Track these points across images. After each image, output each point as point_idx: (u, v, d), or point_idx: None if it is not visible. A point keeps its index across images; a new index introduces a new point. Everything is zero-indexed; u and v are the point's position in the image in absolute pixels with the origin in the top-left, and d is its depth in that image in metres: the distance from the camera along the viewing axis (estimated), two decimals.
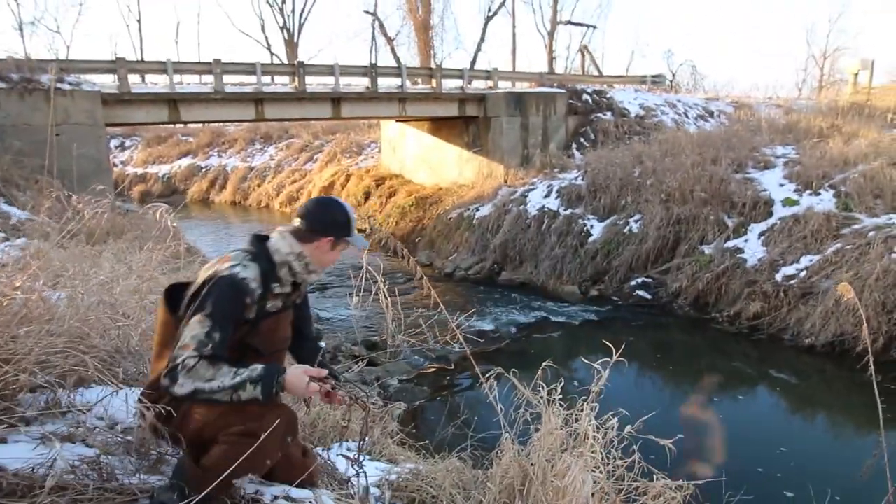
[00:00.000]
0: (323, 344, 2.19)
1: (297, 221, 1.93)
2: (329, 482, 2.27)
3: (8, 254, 3.27)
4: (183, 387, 1.58)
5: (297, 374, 1.68)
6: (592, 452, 2.07)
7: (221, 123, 23.72)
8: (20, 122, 9.01)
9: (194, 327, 1.65)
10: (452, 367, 6.68)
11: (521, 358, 7.15)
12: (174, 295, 1.82)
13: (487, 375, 2.54)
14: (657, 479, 2.32)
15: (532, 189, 12.10)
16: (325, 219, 1.94)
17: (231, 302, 1.73)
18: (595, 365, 2.40)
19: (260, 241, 1.90)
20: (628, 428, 2.25)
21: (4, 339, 1.79)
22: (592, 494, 1.99)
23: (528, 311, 9.04)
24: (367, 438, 2.06)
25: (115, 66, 10.71)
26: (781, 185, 9.60)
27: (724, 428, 5.49)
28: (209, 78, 11.96)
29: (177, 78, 11.69)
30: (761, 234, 8.89)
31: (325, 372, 1.75)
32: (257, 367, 1.64)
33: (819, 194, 9.03)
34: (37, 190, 7.54)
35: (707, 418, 5.92)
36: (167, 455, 1.89)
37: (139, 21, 30.47)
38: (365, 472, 2.10)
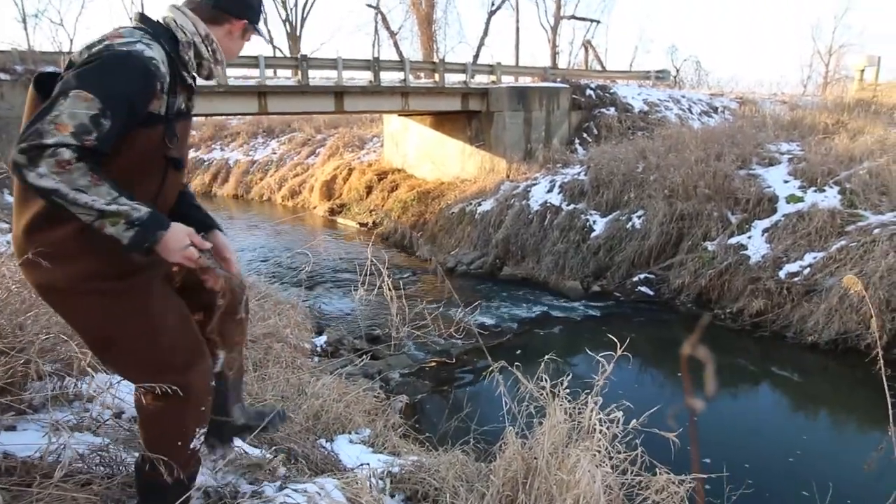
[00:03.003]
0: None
1: None
2: (333, 472, 2.27)
3: None
4: (41, 178, 1.19)
5: (179, 233, 1.36)
6: (599, 446, 2.07)
7: (224, 117, 23.71)
8: (24, 114, 9.01)
9: (74, 104, 1.23)
10: (454, 360, 6.69)
11: (523, 352, 7.15)
12: (48, 86, 1.37)
13: (491, 369, 2.54)
14: (660, 473, 2.33)
15: (534, 184, 12.08)
16: None
17: (134, 83, 1.33)
18: (599, 358, 2.40)
19: (150, 19, 1.51)
20: (634, 422, 2.25)
21: (12, 328, 1.80)
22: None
23: (529, 307, 9.04)
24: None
25: None
26: (786, 181, 9.57)
27: (726, 424, 5.50)
28: None
29: None
30: (765, 230, 8.87)
31: (208, 245, 1.48)
32: (142, 209, 1.28)
33: (824, 191, 9.01)
34: None
35: (709, 414, 5.93)
36: None
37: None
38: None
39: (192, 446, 1.56)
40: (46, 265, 1.36)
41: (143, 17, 1.50)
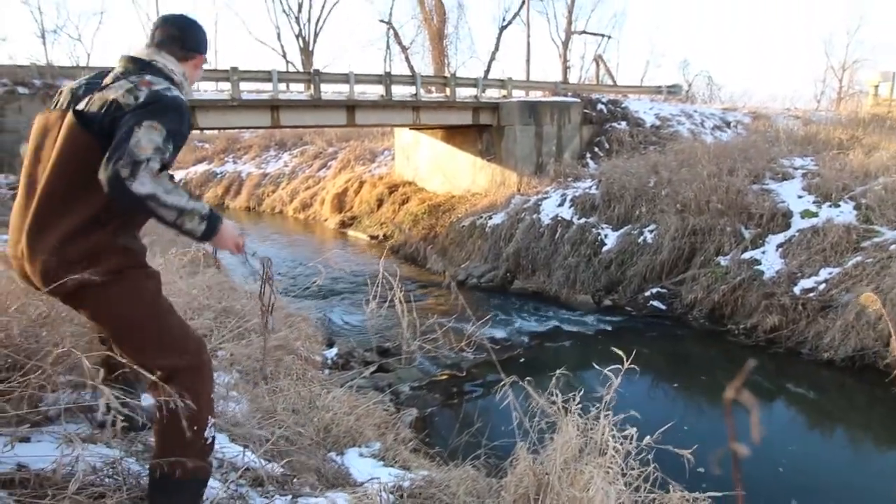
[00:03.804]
0: None
1: (160, 37, 1.81)
2: (344, 486, 2.26)
3: None
4: (144, 185, 1.47)
5: (231, 225, 1.75)
6: (613, 463, 2.05)
7: (237, 130, 23.98)
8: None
9: (149, 132, 1.53)
10: (464, 374, 6.65)
11: (534, 366, 7.11)
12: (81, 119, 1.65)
13: (502, 383, 2.53)
14: (673, 490, 2.29)
15: (545, 198, 12.07)
16: (200, 35, 1.91)
17: (184, 122, 1.66)
18: (606, 371, 2.38)
19: (147, 64, 1.77)
20: (648, 439, 2.22)
21: (28, 339, 1.81)
22: None
23: (540, 320, 8.99)
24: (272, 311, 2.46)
25: None
26: (800, 196, 9.49)
27: (739, 440, 5.42)
28: (226, 85, 12.10)
29: (194, 85, 11.82)
30: (779, 246, 8.79)
31: (244, 236, 1.86)
32: (206, 206, 1.61)
33: (839, 206, 8.92)
34: None
35: (723, 431, 5.84)
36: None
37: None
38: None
39: (206, 435, 1.67)
40: (83, 266, 1.58)
41: (145, 64, 1.77)
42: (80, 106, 1.65)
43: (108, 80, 1.70)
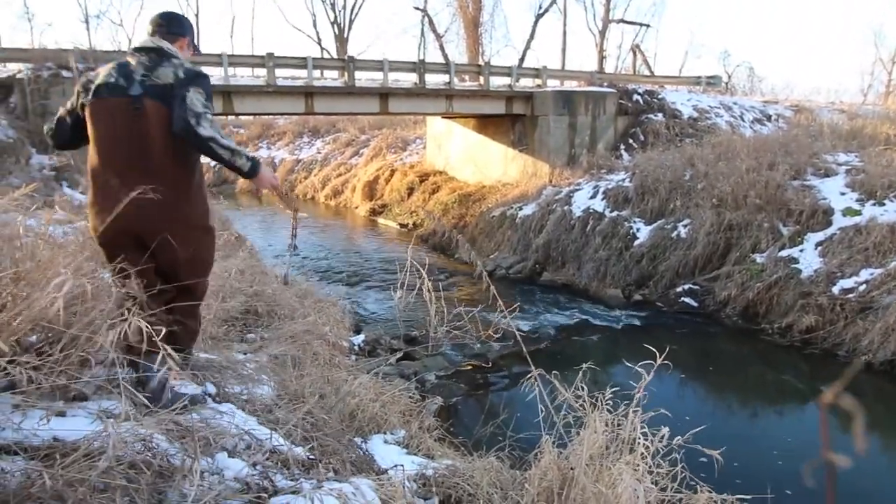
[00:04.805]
0: None
1: (152, 29, 2.33)
2: (368, 472, 2.28)
3: (72, 236, 3.41)
4: (206, 130, 2.02)
5: (268, 168, 2.27)
6: (643, 461, 2.01)
7: (272, 116, 24.26)
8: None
9: (195, 96, 2.08)
10: (490, 364, 6.64)
11: (561, 359, 7.05)
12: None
13: (529, 375, 2.50)
14: (700, 491, 2.25)
15: (577, 189, 11.91)
16: (185, 22, 2.43)
17: (210, 88, 2.20)
18: (638, 368, 2.33)
19: (158, 49, 2.26)
20: (678, 439, 2.18)
21: (68, 316, 1.86)
22: None
23: (569, 313, 8.91)
24: (296, 236, 3.11)
25: None
26: (843, 193, 9.16)
27: (772, 443, 5.29)
28: (262, 71, 12.24)
29: (231, 71, 12.01)
30: (818, 244, 8.51)
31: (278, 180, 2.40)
32: (247, 150, 2.16)
33: (884, 205, 8.58)
34: None
35: (754, 432, 5.71)
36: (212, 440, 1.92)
37: (197, 16, 31.35)
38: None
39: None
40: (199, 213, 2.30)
41: (159, 50, 2.26)
42: (138, 90, 2.16)
43: (138, 67, 2.19)
